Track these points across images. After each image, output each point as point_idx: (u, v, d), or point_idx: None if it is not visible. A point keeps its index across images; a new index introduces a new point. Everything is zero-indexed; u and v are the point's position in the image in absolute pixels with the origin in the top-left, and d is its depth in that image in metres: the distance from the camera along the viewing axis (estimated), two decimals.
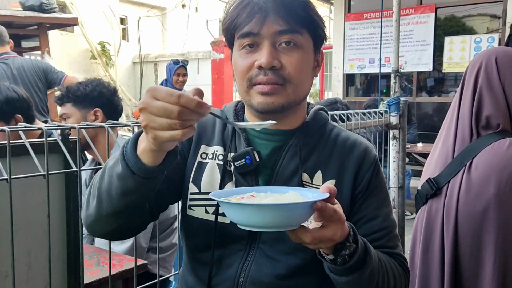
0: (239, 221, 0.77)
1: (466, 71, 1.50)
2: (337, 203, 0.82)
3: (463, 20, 6.94)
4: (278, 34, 0.94)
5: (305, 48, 0.98)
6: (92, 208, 0.90)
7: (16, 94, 2.21)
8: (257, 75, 0.96)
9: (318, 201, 0.75)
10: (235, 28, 0.97)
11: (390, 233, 1.05)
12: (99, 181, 0.88)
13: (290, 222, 0.76)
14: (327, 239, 0.79)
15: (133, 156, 0.78)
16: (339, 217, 0.79)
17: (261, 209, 0.73)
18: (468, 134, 1.42)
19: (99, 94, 2.04)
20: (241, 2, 0.96)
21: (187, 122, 0.69)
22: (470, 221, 1.35)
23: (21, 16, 4.27)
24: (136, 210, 0.91)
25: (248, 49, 0.97)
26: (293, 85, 0.97)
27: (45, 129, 1.19)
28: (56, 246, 1.35)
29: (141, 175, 0.79)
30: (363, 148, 1.07)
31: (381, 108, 3.24)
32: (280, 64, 0.95)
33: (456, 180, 1.39)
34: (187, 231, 1.09)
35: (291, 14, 0.94)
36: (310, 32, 0.99)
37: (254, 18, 0.93)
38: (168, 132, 0.69)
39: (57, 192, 1.35)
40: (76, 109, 2.02)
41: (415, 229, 1.53)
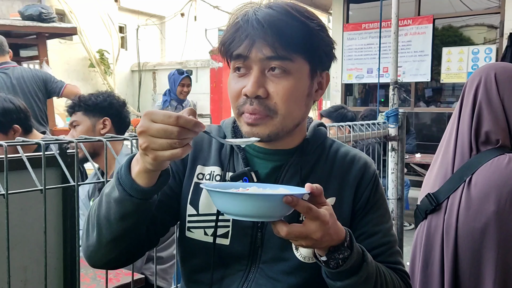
0: (221, 208, 0.83)
1: (465, 86, 1.50)
2: (325, 205, 0.82)
3: (461, 31, 6.98)
4: (266, 60, 0.91)
5: (297, 74, 0.93)
6: (92, 238, 0.92)
7: (13, 104, 2.22)
8: (243, 103, 0.94)
9: (289, 195, 0.76)
10: (228, 50, 0.96)
11: (391, 249, 1.05)
12: (97, 209, 0.91)
13: (266, 213, 0.79)
14: (304, 236, 0.79)
15: (129, 179, 0.83)
16: (316, 215, 0.79)
17: (235, 198, 0.78)
18: (467, 150, 1.42)
19: (109, 104, 2.11)
20: (233, 26, 0.94)
21: (185, 141, 0.75)
22: (470, 238, 1.34)
23: (20, 25, 4.27)
24: (135, 234, 0.93)
25: (240, 73, 0.95)
26: (279, 116, 0.93)
27: (42, 144, 1.18)
28: (53, 262, 1.34)
29: (137, 197, 0.83)
30: (362, 163, 1.06)
31: (379, 120, 3.25)
32: (267, 93, 0.92)
33: (456, 196, 1.39)
34: (186, 253, 1.07)
35: (279, 40, 0.89)
36: (307, 57, 0.94)
37: (243, 44, 0.91)
38: (169, 152, 0.74)
39: (54, 207, 1.33)
40: (86, 117, 2.08)
41: (414, 245, 1.52)
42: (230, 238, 1.00)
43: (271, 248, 0.99)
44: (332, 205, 1.01)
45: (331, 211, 0.83)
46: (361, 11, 7.72)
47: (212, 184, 0.91)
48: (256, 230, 0.99)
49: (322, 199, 0.82)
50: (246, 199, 0.78)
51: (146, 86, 11.29)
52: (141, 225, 0.92)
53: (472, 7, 6.65)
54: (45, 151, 1.26)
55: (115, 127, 2.11)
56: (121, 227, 0.88)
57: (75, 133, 2.05)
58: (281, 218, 0.81)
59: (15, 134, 2.21)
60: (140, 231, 0.95)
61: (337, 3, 7.63)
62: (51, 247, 1.33)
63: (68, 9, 9.51)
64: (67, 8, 9.50)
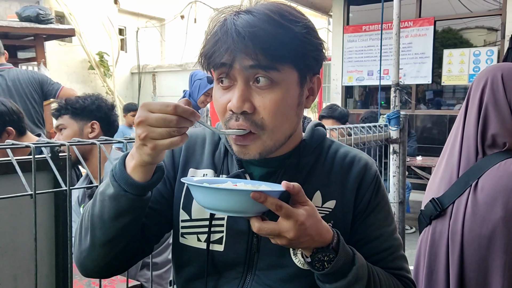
0: (197, 201, 0.83)
1: (470, 88, 1.45)
2: (306, 205, 0.80)
3: (462, 33, 6.95)
4: (250, 70, 0.84)
5: (285, 85, 0.87)
6: (85, 242, 0.90)
7: (5, 107, 2.18)
8: (229, 119, 0.88)
9: (256, 192, 0.75)
10: (208, 64, 0.89)
11: (393, 254, 1.00)
12: (91, 209, 0.89)
13: (238, 208, 0.78)
14: (276, 234, 0.78)
15: (124, 174, 0.83)
16: (289, 214, 0.77)
17: (208, 192, 0.78)
18: (473, 153, 1.37)
19: (97, 107, 2.05)
20: (212, 38, 0.88)
21: (183, 130, 0.76)
22: (476, 245, 1.30)
23: (17, 27, 4.24)
24: (128, 236, 0.90)
25: (224, 85, 0.89)
26: (267, 132, 0.88)
27: (33, 147, 1.14)
28: (44, 270, 1.29)
29: (133, 192, 0.83)
30: (363, 164, 1.02)
31: (381, 122, 3.21)
32: (254, 107, 0.86)
33: (461, 201, 1.34)
34: (180, 261, 1.03)
35: (262, 51, 0.82)
36: (294, 65, 0.87)
37: (223, 59, 0.85)
38: (168, 140, 0.76)
39: (45, 212, 1.29)
40: (74, 121, 2.02)
41: (418, 252, 1.48)
42: (224, 244, 0.96)
43: (268, 254, 0.94)
44: (333, 208, 0.97)
45: (311, 212, 0.80)
46: (362, 13, 7.69)
47: (197, 179, 0.89)
48: (252, 235, 0.95)
49: (301, 198, 0.80)
50: (217, 193, 0.78)
51: (146, 89, 11.28)
52: (135, 225, 0.89)
53: (473, 9, 6.63)
54: (37, 154, 1.22)
55: (103, 130, 2.05)
56: (115, 227, 0.86)
57: (62, 138, 1.99)
58: (257, 214, 0.80)
59: (9, 136, 2.16)
60: (134, 233, 0.91)
61: (337, 5, 7.61)
62: (43, 254, 1.29)
63: (67, 11, 9.49)
64: (66, 10, 9.48)
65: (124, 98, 10.94)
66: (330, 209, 0.97)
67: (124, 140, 1.39)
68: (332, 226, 0.94)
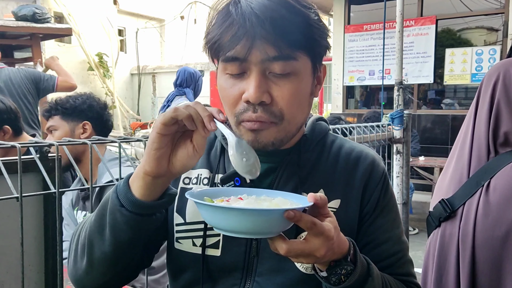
0: (210, 223, 0.74)
1: (481, 84, 1.38)
2: (329, 216, 0.73)
3: (463, 33, 6.90)
4: (268, 61, 0.80)
5: (302, 74, 0.84)
6: (81, 259, 0.84)
7: (4, 105, 2.15)
8: (245, 111, 0.82)
9: (290, 210, 0.67)
10: (218, 50, 0.83)
11: (402, 258, 0.94)
12: (88, 224, 0.84)
13: (263, 230, 0.70)
14: (306, 254, 0.70)
15: (124, 188, 0.77)
16: (321, 231, 0.69)
17: (227, 213, 0.69)
18: (484, 152, 1.30)
19: (89, 107, 1.99)
20: (224, 20, 0.81)
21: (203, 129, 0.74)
22: (488, 248, 1.23)
23: (13, 26, 4.18)
24: (129, 256, 0.84)
25: (234, 74, 0.83)
26: (285, 121, 0.84)
27: (18, 147, 1.07)
28: (33, 276, 1.23)
29: (129, 208, 0.76)
30: (370, 161, 0.95)
31: (384, 122, 3.14)
32: (271, 98, 0.81)
33: (473, 202, 1.27)
34: (175, 267, 0.97)
35: (283, 38, 0.78)
36: (309, 53, 0.84)
37: (240, 44, 0.79)
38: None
39: (34, 216, 1.22)
40: (64, 121, 1.96)
41: (426, 255, 1.41)
42: (221, 248, 0.90)
43: (268, 258, 0.88)
44: (337, 208, 0.91)
45: (335, 224, 0.73)
46: (363, 12, 7.64)
47: (199, 191, 0.80)
48: (251, 238, 0.88)
49: (325, 210, 0.73)
50: (240, 214, 0.68)
51: (146, 89, 11.24)
52: (135, 246, 0.83)
53: (474, 8, 6.57)
54: (25, 154, 1.15)
55: (96, 131, 1.98)
56: (112, 245, 0.80)
57: (52, 139, 1.93)
58: (279, 233, 0.71)
59: (5, 135, 2.12)
60: (135, 249, 0.84)
61: (338, 4, 7.55)
62: (31, 259, 1.22)
63: (66, 12, 9.44)
64: (65, 11, 9.43)
65: (124, 99, 10.89)
66: (334, 209, 0.91)
67: (117, 139, 1.32)
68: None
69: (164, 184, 0.78)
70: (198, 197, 0.75)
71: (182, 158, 0.75)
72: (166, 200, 0.79)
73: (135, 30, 11.50)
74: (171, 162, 0.75)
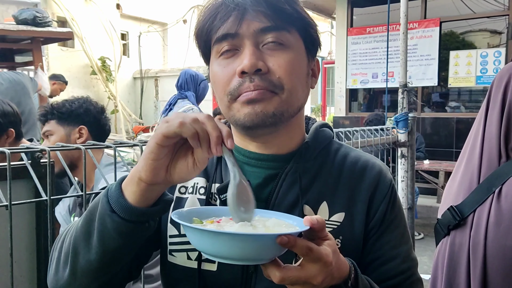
0: (197, 247, 0.68)
1: (491, 86, 1.33)
2: (327, 239, 0.67)
3: (466, 36, 6.84)
4: (261, 33, 0.78)
5: (295, 48, 0.82)
6: (64, 268, 0.77)
7: (11, 108, 2.15)
8: (240, 84, 0.78)
9: (284, 235, 0.61)
10: (209, 32, 0.81)
11: (411, 277, 0.88)
12: (74, 230, 0.77)
13: (254, 256, 0.65)
14: (302, 282, 0.65)
15: (116, 191, 0.71)
16: (318, 257, 0.64)
17: (215, 237, 0.63)
18: (496, 157, 1.25)
19: (85, 111, 1.94)
20: (212, 4, 0.81)
21: (206, 142, 0.67)
22: (500, 257, 1.17)
23: (14, 30, 4.15)
24: (116, 266, 0.78)
25: (227, 55, 0.80)
26: (286, 91, 0.79)
27: (8, 153, 1.03)
28: (25, 286, 1.18)
29: (120, 214, 0.70)
30: (377, 171, 0.90)
31: (388, 125, 3.09)
32: (267, 67, 0.78)
33: (483, 209, 1.22)
34: (168, 281, 0.91)
35: (274, 8, 0.78)
36: (300, 31, 0.83)
37: (231, 17, 0.78)
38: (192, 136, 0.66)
39: (26, 224, 1.18)
40: (60, 126, 1.91)
41: (435, 265, 1.35)
42: (217, 263, 0.84)
43: None
44: (341, 222, 0.85)
45: (334, 247, 0.68)
46: (365, 15, 7.59)
47: (188, 210, 0.74)
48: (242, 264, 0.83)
49: (323, 233, 0.68)
50: (230, 240, 0.62)
51: (148, 93, 11.22)
52: (124, 255, 0.77)
53: (477, 10, 6.52)
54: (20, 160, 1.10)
55: (92, 136, 1.93)
56: (99, 254, 0.73)
57: (48, 144, 1.89)
58: (272, 259, 0.66)
59: (8, 139, 2.09)
60: (122, 259, 0.78)
61: (340, 7, 7.51)
62: (23, 269, 1.18)
63: (69, 16, 9.44)
64: (68, 15, 9.43)
65: (127, 103, 10.87)
66: (338, 223, 0.85)
67: (112, 144, 1.28)
68: (340, 242, 0.84)
69: (160, 191, 0.72)
70: (187, 217, 0.70)
71: (181, 171, 0.70)
72: (161, 207, 0.73)
73: (138, 34, 11.49)
74: (169, 172, 0.70)
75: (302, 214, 0.84)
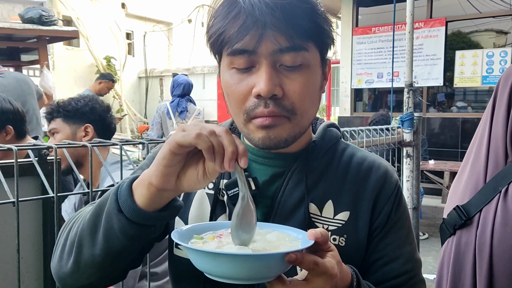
0: (201, 268, 0.66)
1: (497, 85, 1.32)
2: (330, 250, 0.67)
3: (472, 36, 6.81)
4: (279, 52, 0.75)
5: (312, 65, 0.80)
6: (68, 257, 0.78)
7: (11, 105, 2.14)
8: (255, 107, 0.77)
9: (292, 253, 0.62)
10: (224, 43, 0.78)
11: (414, 278, 0.88)
12: (81, 222, 0.77)
13: (260, 275, 0.64)
14: None
15: (125, 191, 0.71)
16: (324, 271, 0.64)
17: (219, 259, 0.62)
18: (502, 156, 1.24)
19: (91, 109, 1.96)
20: (229, 10, 0.77)
21: (221, 154, 0.66)
22: (507, 258, 1.16)
23: (19, 28, 4.16)
24: (120, 262, 0.78)
25: (241, 69, 0.78)
26: (297, 116, 0.79)
27: (15, 149, 1.03)
28: (31, 283, 1.19)
29: (127, 215, 0.70)
30: (383, 171, 0.90)
31: (393, 125, 3.08)
32: (282, 91, 0.77)
33: (490, 209, 1.21)
34: (175, 274, 0.92)
35: (294, 28, 0.75)
36: (318, 44, 0.80)
37: (249, 34, 0.74)
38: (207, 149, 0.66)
39: (32, 220, 1.19)
40: (66, 124, 1.93)
41: (441, 264, 1.34)
42: None
43: None
44: (346, 220, 0.85)
45: (338, 258, 0.68)
46: (371, 14, 7.57)
47: (187, 228, 0.74)
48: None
49: (327, 245, 0.68)
50: (234, 260, 0.62)
51: (153, 93, 11.23)
52: (129, 253, 0.77)
53: (483, 10, 6.49)
54: (26, 157, 1.11)
55: (98, 134, 1.94)
56: (104, 250, 0.73)
57: (54, 142, 1.90)
58: (277, 276, 0.66)
59: (7, 136, 2.09)
60: (127, 256, 0.78)
61: (346, 7, 7.50)
62: (29, 266, 1.19)
63: (75, 16, 9.47)
64: (74, 14, 9.46)
65: (132, 102, 10.90)
66: (343, 222, 0.85)
67: (119, 142, 1.29)
68: (345, 241, 0.84)
69: (169, 197, 0.72)
70: (187, 235, 0.70)
71: (190, 180, 0.69)
72: (168, 213, 0.73)
73: (143, 33, 11.51)
74: (179, 179, 0.70)
75: (307, 213, 0.84)
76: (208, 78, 9.80)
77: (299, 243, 0.69)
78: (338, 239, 0.84)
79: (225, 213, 0.87)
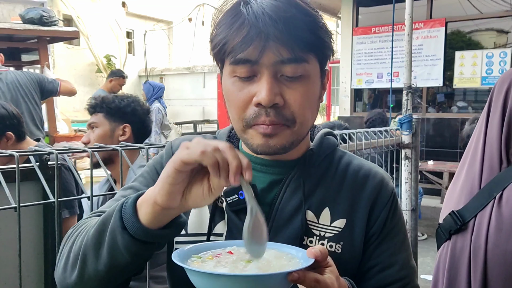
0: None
1: (493, 90, 1.33)
2: (329, 266, 0.69)
3: (474, 34, 6.82)
4: (281, 63, 0.78)
5: (312, 76, 0.82)
6: (72, 270, 0.78)
7: (6, 111, 2.13)
8: (256, 115, 0.79)
9: (295, 272, 0.63)
10: (227, 52, 0.80)
11: (408, 285, 0.90)
12: (85, 234, 0.78)
13: None
14: None
15: (130, 208, 0.72)
16: (325, 287, 0.65)
17: (221, 281, 0.62)
18: (497, 162, 1.25)
19: (133, 110, 2.00)
20: (233, 20, 0.78)
21: (226, 171, 0.67)
22: (501, 263, 1.18)
23: (20, 29, 4.17)
24: (124, 274, 0.79)
25: (243, 78, 0.80)
26: (297, 124, 0.81)
27: (17, 156, 1.05)
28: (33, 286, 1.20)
29: (131, 231, 0.71)
30: (378, 180, 0.91)
31: (392, 126, 3.09)
32: (283, 100, 0.79)
33: (484, 214, 1.23)
34: (174, 281, 0.93)
35: (296, 40, 0.77)
36: (318, 56, 0.83)
37: (252, 45, 0.76)
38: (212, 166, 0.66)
39: (33, 226, 1.20)
40: (106, 120, 1.97)
41: (436, 268, 1.36)
42: None
43: None
44: (342, 228, 0.87)
45: (336, 273, 0.70)
46: (371, 14, 7.58)
47: (187, 249, 0.74)
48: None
49: (326, 261, 0.69)
50: (237, 282, 0.62)
51: None
52: (132, 268, 0.78)
53: (483, 10, 6.49)
54: (27, 161, 1.12)
55: (134, 135, 1.99)
56: (108, 265, 0.74)
57: (92, 135, 1.94)
58: None
59: (8, 141, 2.09)
60: (131, 272, 0.80)
61: (346, 7, 7.50)
62: (30, 270, 1.20)
63: (75, 15, 9.49)
64: (74, 13, 9.48)
65: None
66: (339, 229, 0.87)
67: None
68: (341, 248, 0.86)
69: (174, 215, 0.73)
70: (186, 255, 0.71)
71: (196, 197, 0.70)
72: (172, 230, 0.74)
73: (143, 32, 11.52)
74: (184, 197, 0.70)
75: (305, 219, 0.86)
76: (208, 77, 9.82)
77: (297, 261, 0.70)
78: (334, 246, 0.86)
79: (224, 220, 0.88)
